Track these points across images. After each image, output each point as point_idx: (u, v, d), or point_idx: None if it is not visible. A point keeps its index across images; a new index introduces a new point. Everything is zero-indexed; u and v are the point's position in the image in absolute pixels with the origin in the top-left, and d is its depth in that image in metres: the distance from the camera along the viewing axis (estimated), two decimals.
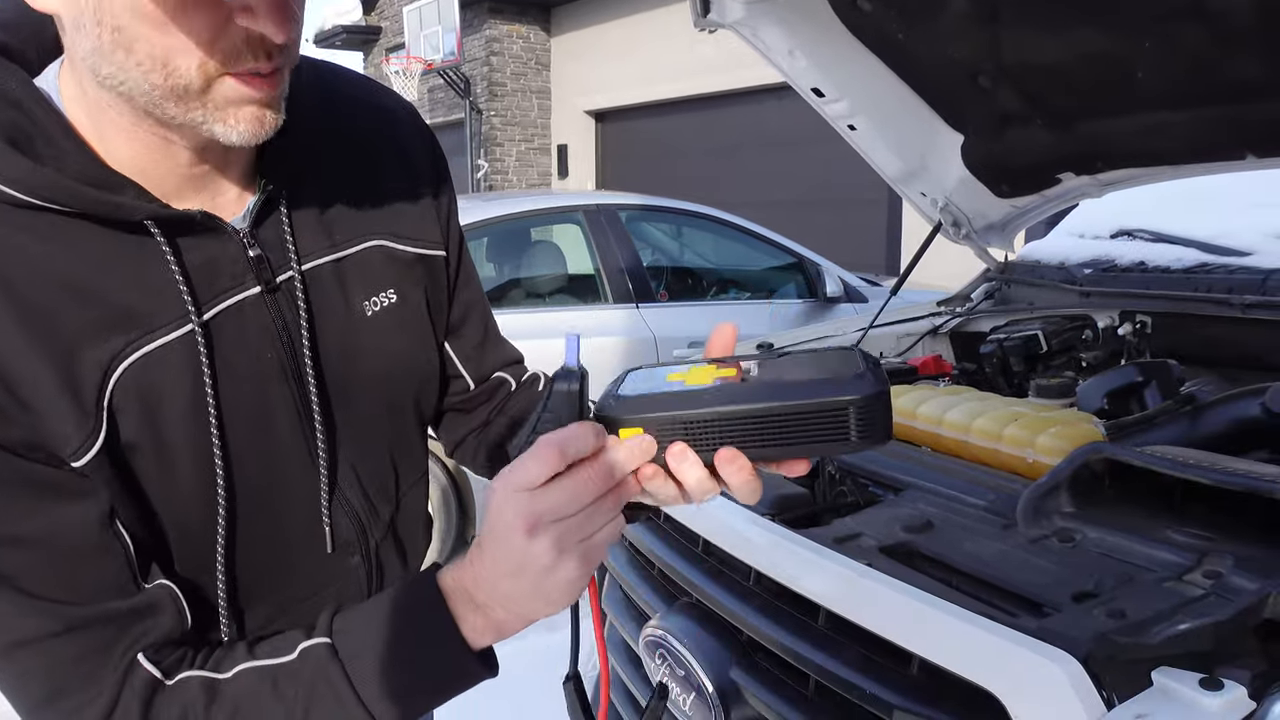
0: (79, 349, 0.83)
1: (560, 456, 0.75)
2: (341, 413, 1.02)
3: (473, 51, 15.04)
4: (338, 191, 1.02)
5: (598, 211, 5.12)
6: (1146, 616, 1.15)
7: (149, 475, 0.88)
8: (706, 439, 0.78)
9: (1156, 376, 1.91)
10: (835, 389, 0.75)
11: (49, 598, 0.82)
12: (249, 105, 0.82)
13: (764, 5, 2.25)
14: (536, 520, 0.75)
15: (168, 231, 0.87)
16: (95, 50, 0.77)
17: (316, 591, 1.05)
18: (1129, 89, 2.10)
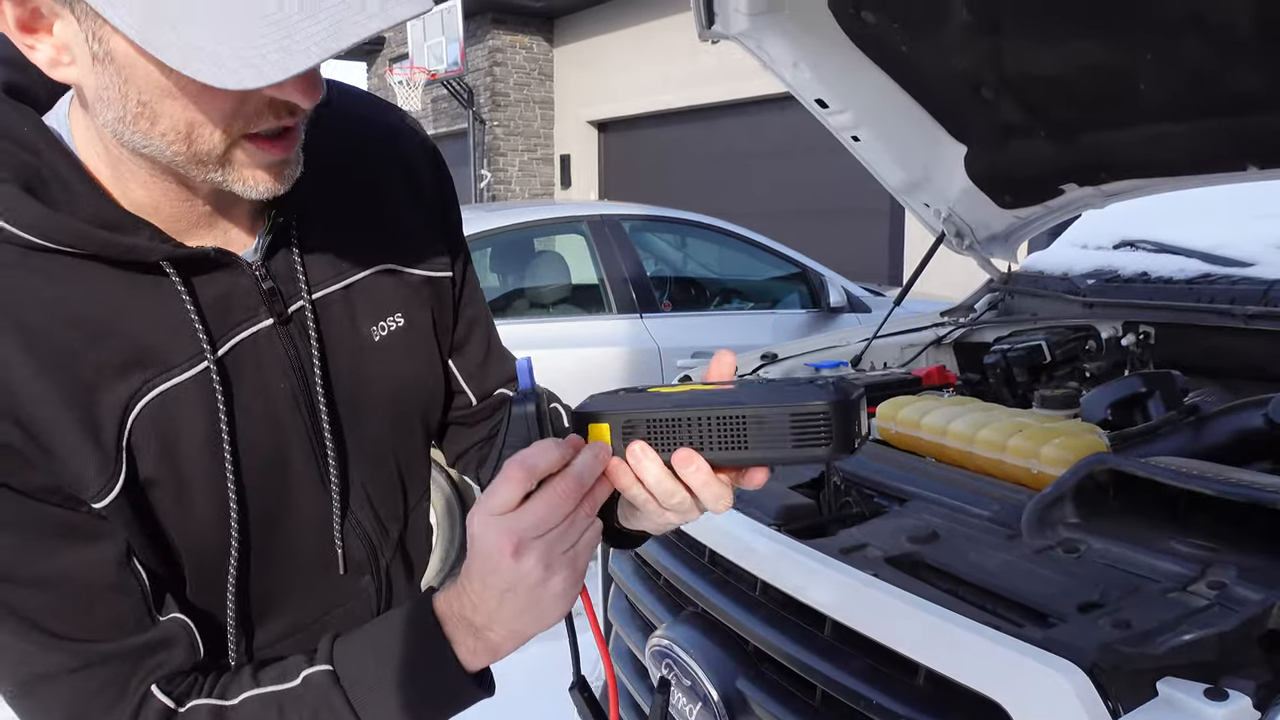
0: (98, 391, 0.84)
1: (528, 475, 0.78)
2: (352, 437, 1.03)
3: (476, 62, 15.07)
4: (346, 218, 1.03)
5: (601, 222, 5.13)
6: (1151, 627, 1.15)
7: (165, 509, 0.89)
8: (665, 438, 0.80)
9: (1160, 387, 1.91)
10: (794, 397, 0.77)
11: (68, 636, 0.84)
12: (267, 165, 0.83)
13: (768, 17, 2.26)
14: (520, 540, 0.77)
15: (182, 270, 0.88)
16: (119, 119, 0.78)
17: (328, 611, 1.07)
18: (1131, 101, 2.12)
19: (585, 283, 5.07)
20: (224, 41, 0.68)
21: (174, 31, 0.68)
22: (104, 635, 0.86)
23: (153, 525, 0.89)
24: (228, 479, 0.91)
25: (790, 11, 2.26)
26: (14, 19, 0.73)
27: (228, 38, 0.68)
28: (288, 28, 0.68)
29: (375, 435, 1.06)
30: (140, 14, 0.68)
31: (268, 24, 0.68)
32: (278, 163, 0.83)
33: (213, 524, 0.92)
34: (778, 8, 2.24)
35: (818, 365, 2.67)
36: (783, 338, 4.87)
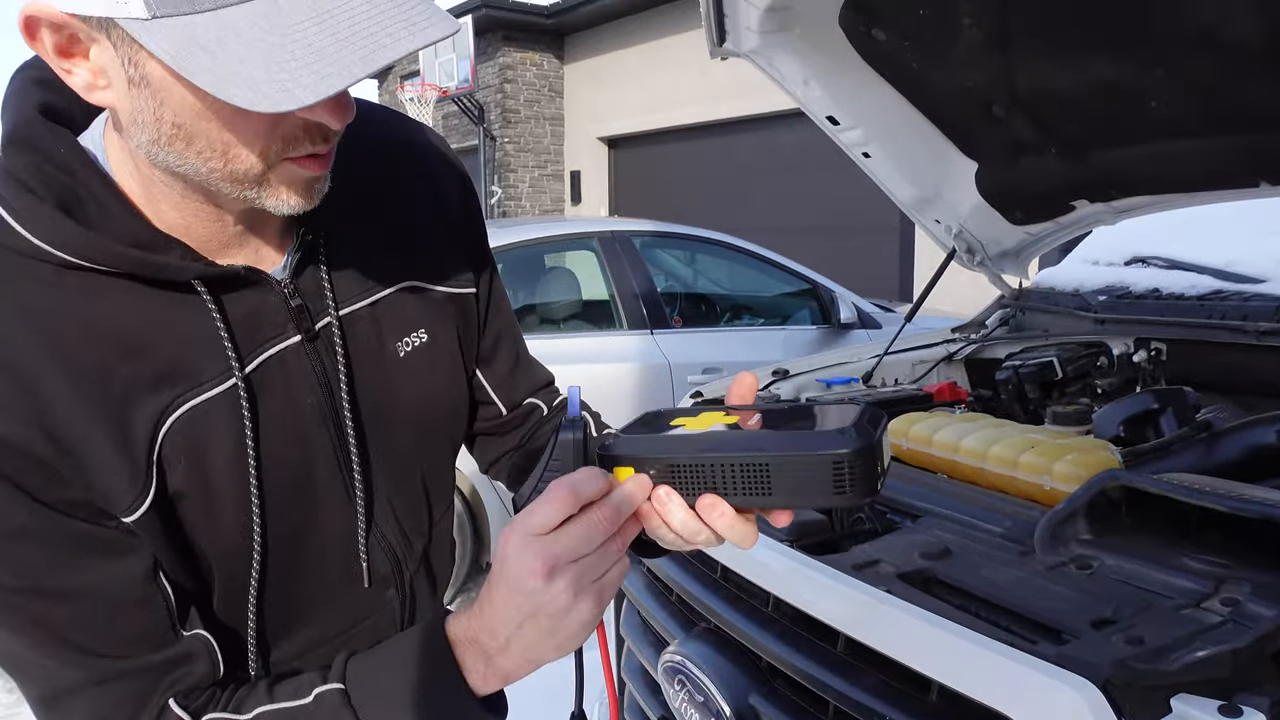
0: (130, 406, 0.85)
1: (574, 498, 0.78)
2: (377, 452, 1.04)
3: (486, 79, 15.14)
4: (372, 235, 1.04)
5: (612, 238, 5.14)
6: (1165, 643, 1.15)
7: (192, 522, 0.91)
8: (690, 484, 0.81)
9: (1172, 404, 1.91)
10: (814, 443, 0.77)
11: (91, 650, 0.85)
12: (303, 181, 0.84)
13: (779, 35, 2.27)
14: (555, 563, 0.78)
15: (213, 287, 0.90)
16: (154, 141, 0.79)
17: (354, 624, 1.07)
18: (1142, 117, 2.12)
19: (596, 299, 5.08)
20: (257, 66, 0.69)
21: (208, 56, 0.69)
22: (127, 650, 0.86)
23: (180, 538, 0.91)
24: (253, 493, 0.92)
25: (801, 29, 2.27)
26: (52, 45, 0.75)
27: (261, 62, 0.69)
28: (319, 51, 0.69)
29: (400, 450, 1.07)
30: (175, 40, 0.69)
31: (300, 48, 0.69)
32: (310, 178, 0.85)
33: (238, 537, 0.93)
34: (789, 26, 2.26)
35: (829, 381, 2.67)
36: (793, 354, 4.87)
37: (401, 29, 0.71)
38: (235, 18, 0.69)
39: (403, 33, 0.71)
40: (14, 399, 0.80)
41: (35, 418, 0.81)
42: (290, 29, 0.70)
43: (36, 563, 0.83)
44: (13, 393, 0.80)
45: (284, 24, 0.70)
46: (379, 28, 0.71)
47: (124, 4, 0.69)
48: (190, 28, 0.69)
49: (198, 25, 0.69)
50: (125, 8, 0.69)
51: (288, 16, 0.70)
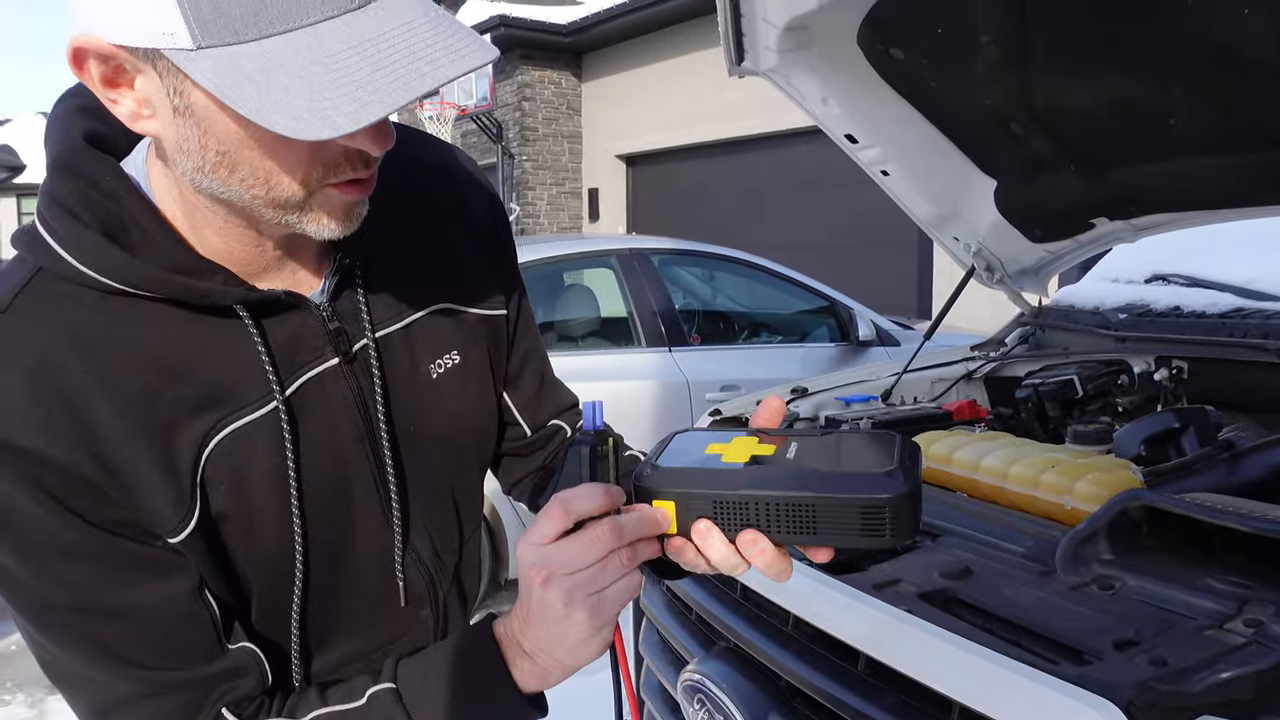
0: (175, 429, 0.87)
1: (565, 514, 0.81)
2: (412, 472, 1.06)
3: (505, 97, 15.21)
4: (407, 258, 1.06)
5: (630, 256, 5.15)
6: (1188, 665, 1.15)
7: (234, 542, 0.93)
8: (732, 519, 0.81)
9: (1194, 422, 1.90)
10: (861, 486, 0.77)
11: (142, 664, 0.87)
12: (343, 207, 0.86)
13: (797, 54, 2.28)
14: (550, 572, 0.81)
15: (254, 312, 0.91)
16: (198, 169, 0.81)
17: (390, 642, 1.09)
18: (1161, 135, 2.12)
19: (614, 316, 5.09)
20: (300, 95, 0.70)
21: (252, 85, 0.71)
22: (176, 664, 0.88)
23: (223, 558, 0.92)
24: (294, 513, 0.94)
25: (819, 48, 2.27)
26: (98, 75, 0.77)
27: (304, 91, 0.70)
28: (360, 79, 0.71)
29: (434, 470, 1.09)
30: (220, 70, 0.71)
31: (341, 77, 0.71)
32: (350, 203, 0.86)
33: (279, 556, 0.95)
34: (807, 45, 2.26)
35: (848, 399, 2.66)
36: (811, 371, 4.87)
37: (441, 56, 0.73)
38: (278, 47, 0.71)
39: (443, 59, 0.73)
40: (64, 424, 0.82)
41: (84, 442, 0.83)
42: (331, 58, 0.71)
43: (87, 581, 0.85)
44: (63, 418, 0.82)
45: (325, 53, 0.71)
46: (418, 55, 0.72)
47: (170, 35, 0.70)
48: (234, 58, 0.71)
49: (242, 55, 0.71)
50: (171, 39, 0.71)
51: (329, 46, 0.71)
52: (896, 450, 0.80)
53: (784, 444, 0.84)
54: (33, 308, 0.85)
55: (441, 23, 0.76)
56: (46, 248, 0.85)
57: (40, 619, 0.86)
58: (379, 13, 0.74)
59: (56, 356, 0.83)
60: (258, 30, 0.70)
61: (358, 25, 0.73)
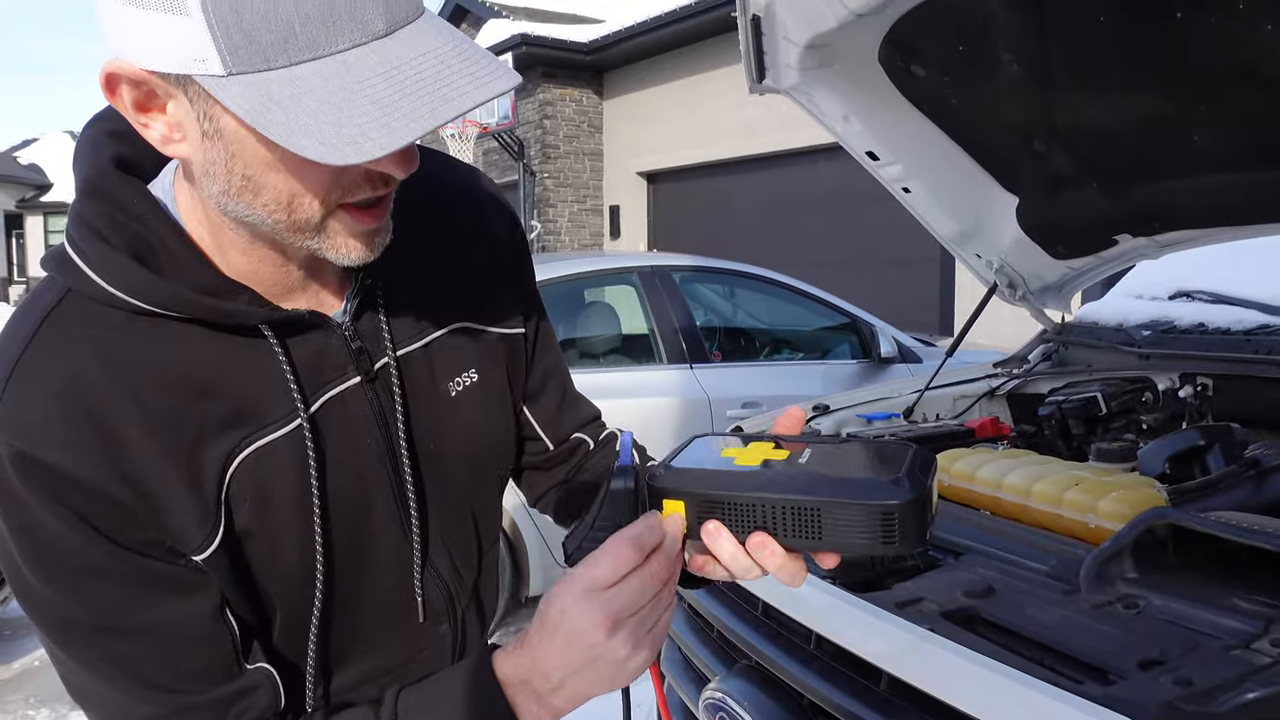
0: (201, 447, 0.88)
1: (639, 553, 0.80)
2: (432, 489, 1.07)
3: (526, 115, 15.28)
4: (427, 278, 1.07)
5: (652, 273, 5.16)
6: (1214, 685, 1.14)
7: (257, 558, 0.94)
8: (740, 521, 0.81)
9: (1219, 440, 1.89)
10: (866, 491, 0.77)
11: (161, 685, 0.88)
12: (361, 234, 0.87)
13: (819, 71, 2.29)
14: (617, 618, 0.79)
15: (278, 331, 0.93)
16: (224, 192, 0.82)
17: (409, 658, 1.09)
18: (1185, 151, 2.11)
19: (636, 333, 5.09)
20: (328, 121, 0.72)
21: (282, 111, 0.72)
22: (195, 686, 0.89)
23: (245, 574, 0.93)
24: (316, 530, 0.95)
25: (841, 66, 2.28)
26: (130, 100, 0.78)
27: (332, 116, 0.72)
28: (387, 105, 0.72)
29: (453, 487, 1.10)
30: (250, 96, 0.73)
31: (369, 102, 0.72)
32: (370, 231, 0.87)
33: (301, 572, 0.96)
34: (828, 62, 2.27)
35: (870, 417, 2.66)
36: (833, 388, 4.86)
37: (466, 83, 0.75)
38: (307, 74, 0.72)
39: (468, 86, 0.75)
40: (93, 443, 0.83)
41: (112, 461, 0.84)
42: (359, 84, 0.73)
43: (111, 600, 0.86)
44: (91, 437, 0.83)
45: (353, 79, 0.73)
46: (444, 81, 0.74)
47: (202, 62, 0.72)
48: (265, 84, 0.72)
49: (272, 81, 0.72)
50: (203, 65, 0.72)
51: (357, 72, 0.73)
52: (908, 459, 0.81)
53: (799, 450, 0.85)
54: (63, 328, 0.86)
55: (466, 49, 0.77)
56: (76, 269, 0.86)
57: (63, 637, 0.87)
58: (405, 39, 0.75)
59: (86, 376, 0.84)
60: (288, 57, 0.72)
61: (385, 52, 0.74)
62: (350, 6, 0.72)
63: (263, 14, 0.70)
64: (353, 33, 0.73)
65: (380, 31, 0.74)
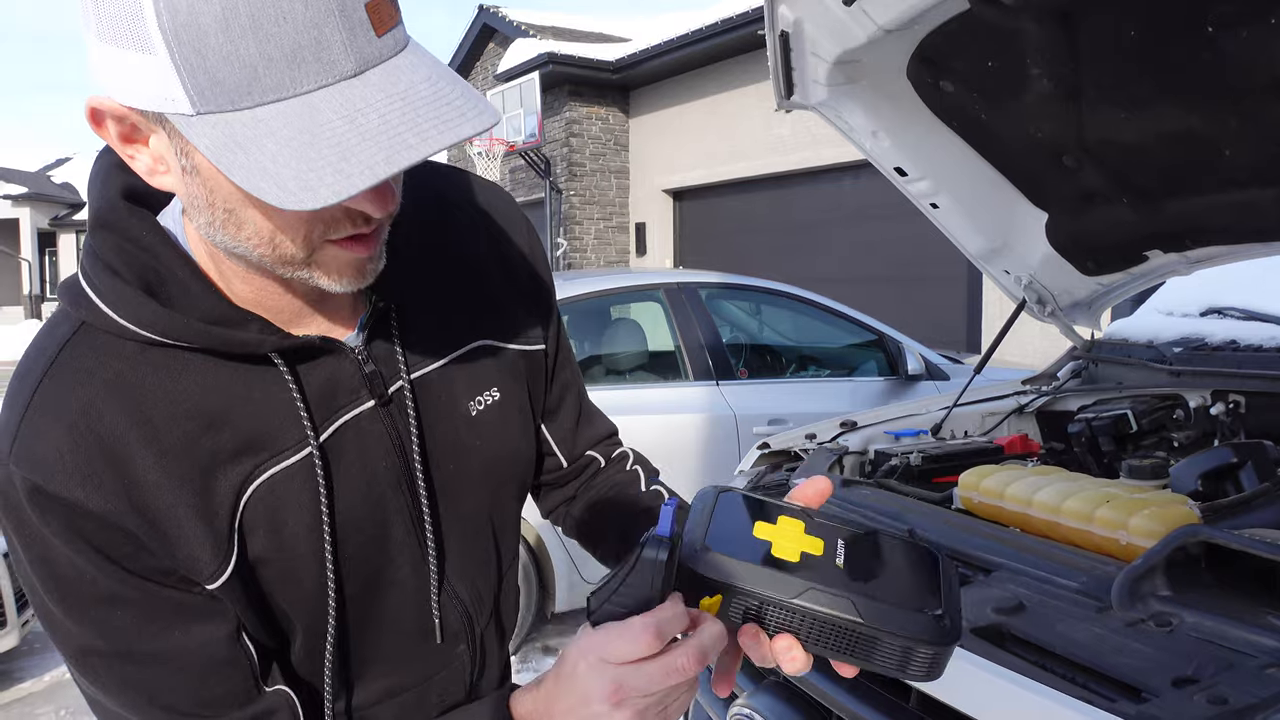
0: (213, 477, 0.89)
1: (658, 640, 0.77)
2: (450, 511, 1.06)
3: (553, 133, 15.36)
4: (443, 298, 1.06)
5: (678, 289, 5.16)
6: (1249, 703, 1.13)
7: (271, 585, 0.94)
8: (774, 621, 0.80)
9: (1252, 457, 1.88)
10: (913, 626, 0.77)
11: (180, 710, 0.89)
12: (350, 263, 0.86)
13: (847, 88, 2.29)
14: (626, 695, 0.78)
15: (289, 359, 0.93)
16: (210, 224, 0.83)
17: (426, 679, 1.09)
18: (1216, 167, 2.10)
19: (662, 350, 5.09)
20: (285, 164, 0.71)
21: (244, 153, 0.72)
22: (214, 711, 0.90)
23: (260, 600, 0.94)
24: (328, 557, 0.94)
25: (869, 81, 2.28)
26: (116, 133, 0.79)
27: (291, 160, 0.71)
28: (344, 150, 0.72)
29: (472, 507, 1.09)
30: (216, 136, 0.73)
31: (328, 146, 0.72)
32: (360, 260, 0.87)
33: (315, 598, 0.96)
34: (857, 78, 2.27)
35: (898, 433, 2.65)
36: (860, 405, 4.84)
37: (431, 127, 0.73)
38: (270, 116, 0.72)
39: (432, 131, 0.73)
40: (105, 475, 0.84)
41: (124, 492, 0.84)
42: (320, 127, 0.72)
43: (127, 628, 0.86)
44: (104, 469, 0.84)
45: (316, 123, 0.72)
46: (408, 126, 0.73)
47: (171, 100, 0.72)
48: (230, 124, 0.72)
49: (236, 122, 0.72)
50: (173, 104, 0.72)
51: (320, 114, 0.72)
52: (942, 580, 0.81)
53: (831, 540, 0.83)
54: (76, 361, 0.87)
55: (441, 87, 0.76)
56: (88, 302, 0.87)
57: (82, 664, 0.88)
58: (376, 80, 0.74)
59: (98, 408, 0.85)
60: (252, 99, 0.72)
61: (351, 94, 0.73)
62: (315, 49, 0.71)
63: (225, 56, 0.70)
64: (318, 74, 0.72)
65: (348, 72, 0.73)
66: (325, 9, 0.71)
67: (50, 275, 35.04)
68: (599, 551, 1.23)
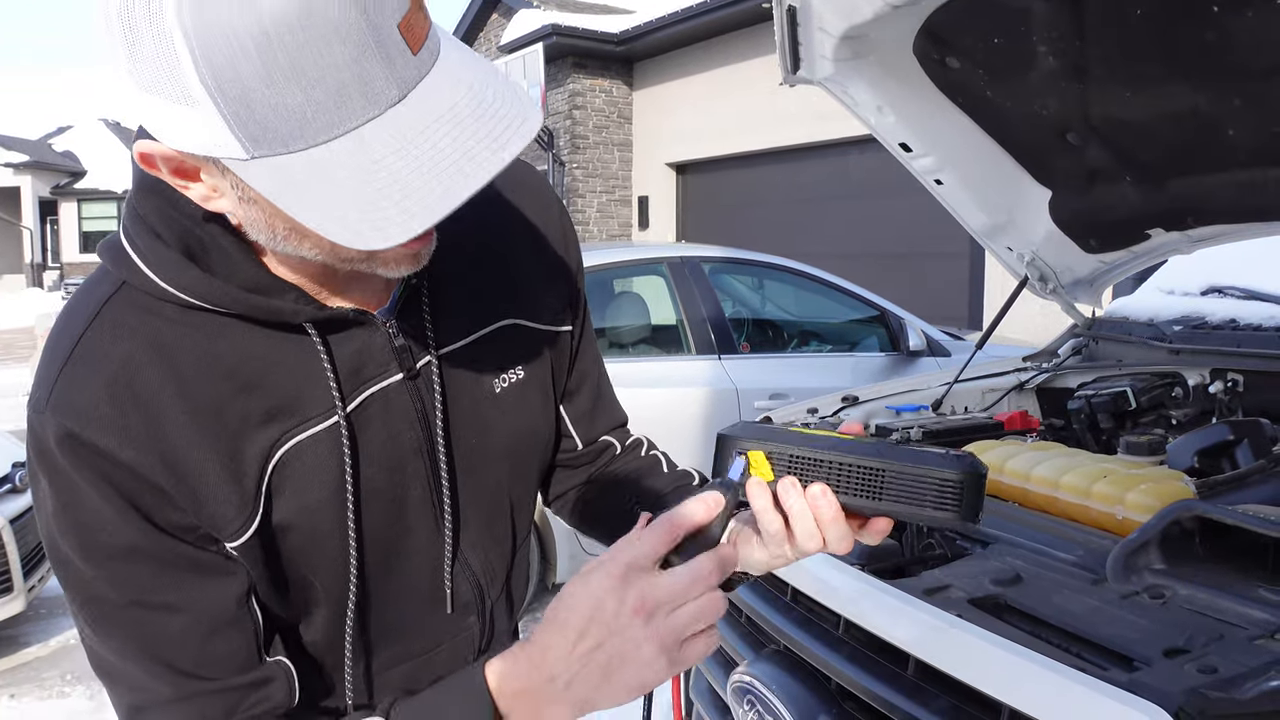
0: (242, 439, 0.91)
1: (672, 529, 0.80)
2: (470, 485, 1.09)
3: (556, 105, 15.30)
4: (474, 276, 1.09)
5: (681, 263, 5.17)
6: (1239, 673, 1.15)
7: (295, 550, 0.96)
8: (807, 474, 0.86)
9: (1248, 435, 1.89)
10: (931, 461, 0.83)
11: (180, 668, 0.90)
12: (409, 255, 0.88)
13: (854, 63, 2.30)
14: (653, 609, 0.78)
15: (322, 329, 0.95)
16: (270, 240, 0.85)
17: (435, 647, 1.12)
18: (1219, 146, 2.11)
19: (665, 324, 5.11)
20: (350, 206, 0.74)
21: (306, 193, 0.74)
22: (214, 671, 0.91)
23: (283, 565, 0.96)
24: (350, 524, 0.97)
25: (875, 57, 2.29)
26: (168, 170, 0.80)
27: (353, 201, 0.74)
28: (405, 186, 0.73)
29: (491, 483, 1.12)
30: (273, 178, 0.74)
31: (387, 185, 0.73)
32: (417, 251, 0.89)
33: (337, 563, 0.98)
34: (863, 54, 2.28)
35: (899, 409, 2.67)
36: (861, 380, 4.86)
37: (483, 149, 0.75)
38: (324, 156, 0.73)
39: (484, 154, 0.75)
40: (139, 427, 0.86)
41: (156, 446, 0.87)
42: (376, 164, 0.73)
43: (141, 578, 0.89)
44: (138, 421, 0.86)
45: (370, 159, 0.73)
46: (461, 152, 0.75)
47: (223, 146, 0.73)
48: (285, 167, 0.73)
49: (291, 165, 0.73)
50: (225, 149, 0.73)
51: (372, 151, 0.73)
52: (963, 454, 0.85)
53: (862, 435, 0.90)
54: (117, 318, 0.89)
55: (485, 95, 0.78)
56: (130, 263, 0.90)
57: (92, 611, 0.90)
58: (419, 102, 0.75)
59: (137, 363, 0.88)
60: (304, 141, 0.72)
61: (400, 122, 0.74)
62: (359, 84, 0.72)
63: (272, 106, 0.70)
64: (365, 108, 0.73)
65: (394, 99, 0.74)
66: (362, 43, 0.71)
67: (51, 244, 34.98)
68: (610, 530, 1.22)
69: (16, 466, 4.61)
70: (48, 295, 27.83)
